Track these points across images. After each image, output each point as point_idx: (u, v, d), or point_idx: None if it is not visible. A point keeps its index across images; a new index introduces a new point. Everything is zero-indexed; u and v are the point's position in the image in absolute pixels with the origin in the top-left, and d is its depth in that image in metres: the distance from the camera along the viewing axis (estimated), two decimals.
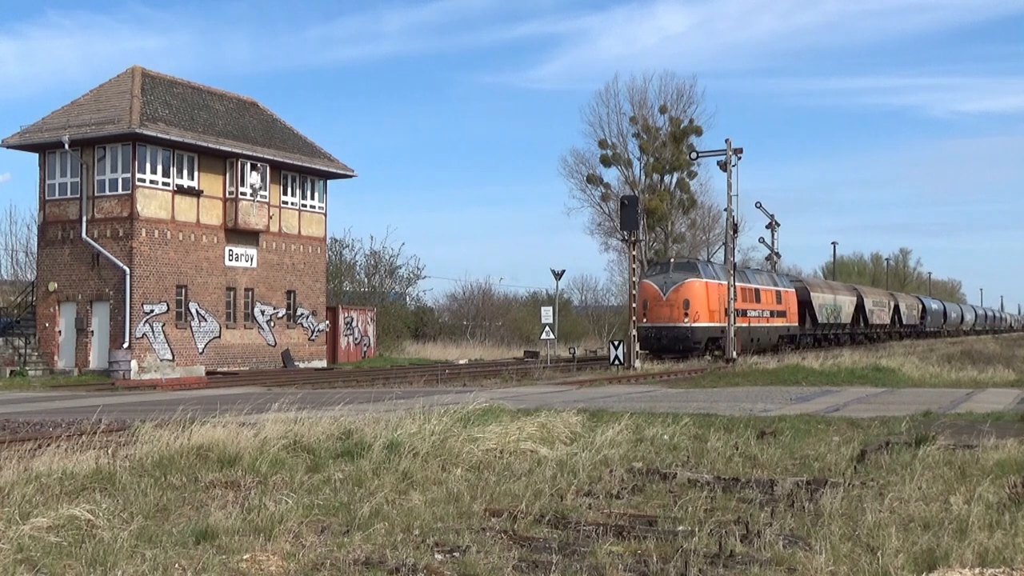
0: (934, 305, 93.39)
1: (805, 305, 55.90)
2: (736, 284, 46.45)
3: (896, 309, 76.67)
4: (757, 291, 49.34)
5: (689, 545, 6.91)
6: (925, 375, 30.27)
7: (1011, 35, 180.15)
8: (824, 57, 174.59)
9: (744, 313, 46.96)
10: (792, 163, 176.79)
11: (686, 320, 42.59)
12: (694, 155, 51.80)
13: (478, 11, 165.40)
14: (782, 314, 52.09)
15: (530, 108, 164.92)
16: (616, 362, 36.23)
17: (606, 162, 69.59)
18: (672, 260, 46.88)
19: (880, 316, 71.85)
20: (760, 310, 49.18)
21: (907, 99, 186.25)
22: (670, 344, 42.38)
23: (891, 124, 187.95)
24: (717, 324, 43.75)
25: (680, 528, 7.59)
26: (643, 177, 70.08)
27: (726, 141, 42.58)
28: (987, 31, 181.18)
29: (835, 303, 61.15)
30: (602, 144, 69.65)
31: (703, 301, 43.16)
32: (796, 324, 54.28)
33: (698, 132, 68.96)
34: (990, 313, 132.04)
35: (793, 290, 54.75)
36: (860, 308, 66.65)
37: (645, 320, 43.03)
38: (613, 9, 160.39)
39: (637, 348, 36.95)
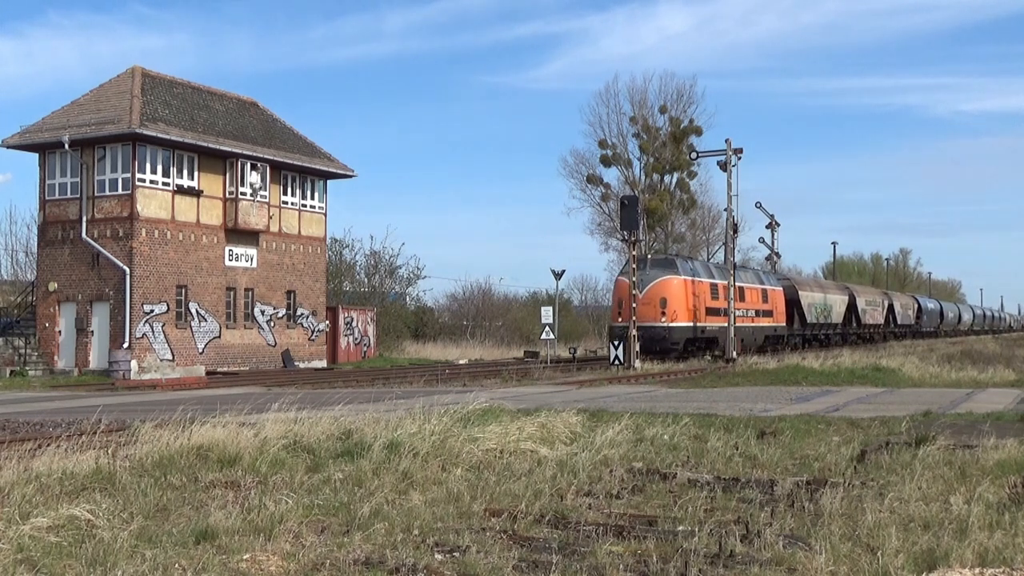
0: (930, 304, 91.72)
1: (793, 304, 54.17)
2: (717, 281, 44.61)
3: (890, 308, 75.01)
4: (741, 289, 47.16)
5: (689, 545, 6.90)
6: (925, 375, 30.27)
7: (1012, 35, 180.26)
8: (825, 57, 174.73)
9: (726, 312, 44.82)
10: (792, 163, 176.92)
11: (663, 319, 40.53)
12: (694, 155, 51.73)
13: (479, 11, 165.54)
14: (768, 313, 50.31)
15: (531, 108, 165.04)
16: (616, 362, 36.16)
17: (606, 162, 69.65)
18: (649, 256, 44.63)
19: (873, 316, 70.16)
20: (744, 309, 47.10)
21: (908, 99, 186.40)
22: (646, 345, 39.83)
23: (892, 124, 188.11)
24: (696, 324, 41.92)
25: (680, 528, 7.59)
26: (643, 177, 70.14)
27: (726, 141, 42.60)
28: (988, 31, 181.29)
29: (825, 302, 59.45)
30: (602, 144, 69.72)
31: (681, 299, 41.17)
32: (783, 324, 52.45)
33: (698, 132, 69.04)
34: (989, 313, 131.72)
35: (780, 289, 52.91)
36: (852, 308, 65.17)
37: (620, 319, 40.96)
38: (614, 9, 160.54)
39: (637, 348, 36.73)
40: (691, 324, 41.76)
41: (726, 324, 44.41)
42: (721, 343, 43.88)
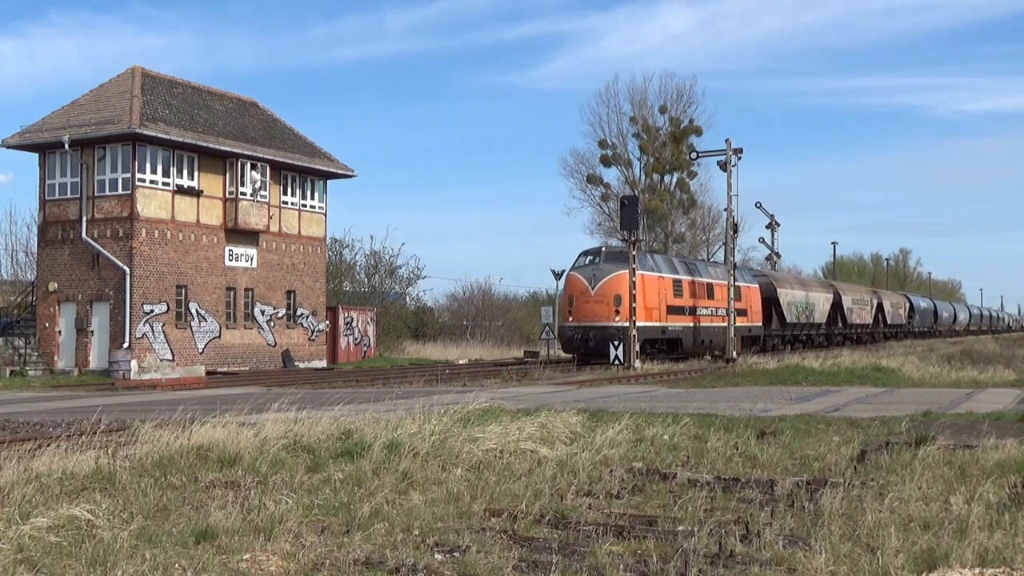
0: (923, 304, 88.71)
1: (772, 303, 50.55)
2: (682, 277, 41.89)
3: (879, 307, 71.48)
4: (710, 286, 44.10)
5: (689, 545, 6.90)
6: (925, 375, 30.27)
7: (1015, 34, 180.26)
8: (826, 56, 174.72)
9: (692, 311, 42.13)
10: (792, 163, 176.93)
11: (617, 319, 36.98)
12: (694, 155, 51.75)
13: (481, 10, 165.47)
14: (742, 312, 46.18)
15: (532, 108, 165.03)
16: (616, 362, 36.05)
17: (606, 162, 69.79)
18: (603, 249, 40.13)
19: (861, 315, 66.49)
20: (713, 308, 44.05)
21: (909, 99, 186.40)
22: (599, 347, 36.74)
23: (893, 124, 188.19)
24: (656, 324, 38.60)
25: (680, 528, 7.59)
26: (643, 177, 70.24)
27: (726, 141, 42.64)
28: (990, 30, 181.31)
29: (807, 301, 55.58)
30: (602, 144, 69.86)
31: (638, 297, 37.44)
32: (760, 324, 48.85)
33: (698, 132, 69.19)
34: (987, 313, 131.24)
35: (756, 286, 49.27)
36: (837, 306, 61.46)
37: (571, 319, 38.16)
38: (616, 8, 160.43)
39: (637, 348, 36.51)
40: (650, 324, 38.41)
41: (692, 324, 41.77)
42: (686, 344, 41.17)
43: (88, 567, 6.40)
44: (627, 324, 36.89)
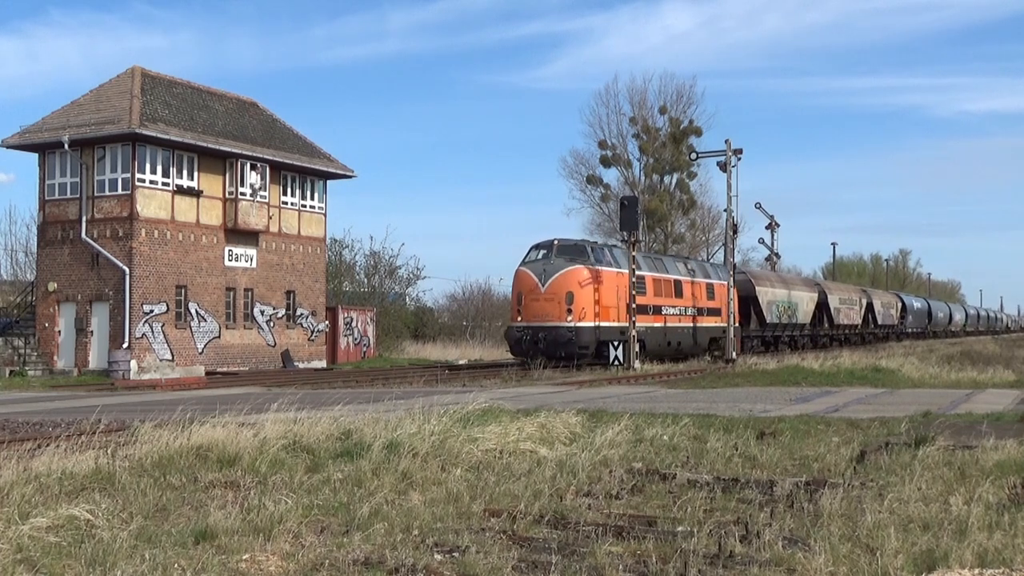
0: (916, 304, 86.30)
1: (750, 301, 48.13)
2: (645, 274, 39.03)
3: (869, 307, 68.83)
4: (677, 283, 41.33)
5: (689, 545, 6.91)
6: (924, 376, 30.27)
7: (1015, 34, 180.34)
8: (827, 56, 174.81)
9: (657, 310, 39.34)
10: (792, 163, 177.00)
11: (569, 318, 34.83)
12: (694, 156, 51.69)
13: (483, 10, 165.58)
14: (715, 312, 43.47)
15: (534, 108, 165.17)
16: (615, 362, 35.96)
17: (606, 163, 69.82)
18: (556, 242, 37.13)
19: (848, 316, 63.74)
20: (681, 307, 41.37)
21: (911, 99, 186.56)
22: (549, 349, 34.59)
23: (894, 124, 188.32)
24: (614, 324, 35.89)
25: (680, 528, 7.59)
26: (643, 178, 70.28)
27: (726, 141, 42.59)
28: (991, 30, 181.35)
29: (789, 300, 52.82)
30: (602, 145, 69.88)
31: (591, 295, 35.39)
32: (737, 324, 44.52)
33: (698, 133, 69.22)
34: (984, 313, 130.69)
35: None
36: (823, 306, 58.93)
37: (520, 318, 35.80)
38: (618, 8, 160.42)
39: (638, 349, 36.40)
40: (607, 324, 35.98)
41: (656, 324, 39.46)
42: (649, 347, 38.70)
43: (88, 567, 6.40)
44: (581, 324, 35.06)
